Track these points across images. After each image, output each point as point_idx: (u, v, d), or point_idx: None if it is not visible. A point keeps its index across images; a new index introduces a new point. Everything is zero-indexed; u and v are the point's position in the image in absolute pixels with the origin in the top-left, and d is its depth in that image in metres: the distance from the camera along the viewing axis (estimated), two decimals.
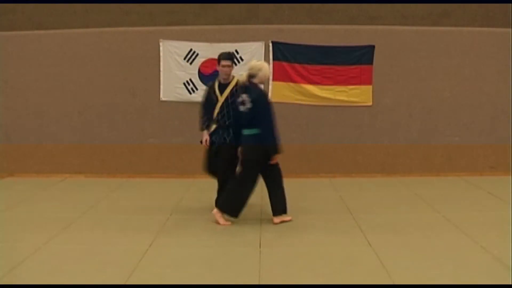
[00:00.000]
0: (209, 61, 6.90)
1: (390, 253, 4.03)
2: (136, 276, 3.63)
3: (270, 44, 6.89)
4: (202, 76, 6.91)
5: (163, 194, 6.14)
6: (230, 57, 5.14)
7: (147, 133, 7.08)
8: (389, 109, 7.01)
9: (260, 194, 6.00)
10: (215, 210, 4.87)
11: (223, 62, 5.00)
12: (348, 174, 7.05)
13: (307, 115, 6.99)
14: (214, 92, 5.07)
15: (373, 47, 6.89)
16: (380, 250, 4.10)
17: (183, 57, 6.93)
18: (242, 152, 4.85)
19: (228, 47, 6.85)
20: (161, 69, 6.95)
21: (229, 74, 5.04)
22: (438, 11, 7.05)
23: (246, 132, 4.78)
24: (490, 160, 7.08)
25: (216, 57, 6.76)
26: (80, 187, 6.56)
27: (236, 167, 4.98)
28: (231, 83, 5.03)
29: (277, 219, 4.87)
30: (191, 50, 6.91)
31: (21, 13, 7.09)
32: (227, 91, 5.00)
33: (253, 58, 6.85)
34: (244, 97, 4.74)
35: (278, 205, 4.89)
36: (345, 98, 6.97)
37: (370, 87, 6.95)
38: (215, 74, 6.84)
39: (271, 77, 6.90)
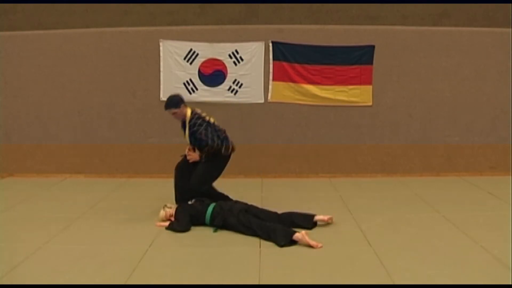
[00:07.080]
0: (209, 61, 6.91)
1: (390, 253, 4.03)
2: (136, 276, 3.63)
3: (270, 44, 6.88)
4: (202, 76, 6.92)
5: (163, 194, 6.12)
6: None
7: (147, 133, 7.07)
8: (389, 109, 7.01)
9: (260, 194, 6.03)
10: None
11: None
12: (348, 174, 7.05)
13: (307, 115, 6.98)
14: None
15: (373, 47, 6.88)
16: (380, 250, 4.10)
17: (183, 57, 6.93)
18: None
19: (228, 47, 6.89)
20: (161, 69, 6.95)
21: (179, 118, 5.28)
22: (438, 11, 7.05)
23: None
24: (490, 160, 7.08)
25: (216, 57, 6.90)
26: (80, 187, 6.56)
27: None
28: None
29: None
30: (191, 50, 6.91)
31: (21, 13, 7.09)
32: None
33: (253, 58, 6.89)
34: None
35: None
36: (345, 98, 6.97)
37: (370, 87, 6.95)
38: (215, 74, 6.93)
39: (271, 77, 6.92)
